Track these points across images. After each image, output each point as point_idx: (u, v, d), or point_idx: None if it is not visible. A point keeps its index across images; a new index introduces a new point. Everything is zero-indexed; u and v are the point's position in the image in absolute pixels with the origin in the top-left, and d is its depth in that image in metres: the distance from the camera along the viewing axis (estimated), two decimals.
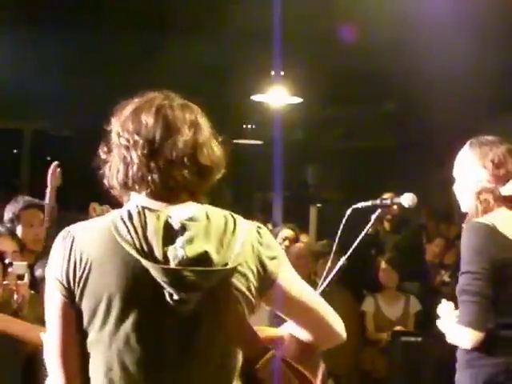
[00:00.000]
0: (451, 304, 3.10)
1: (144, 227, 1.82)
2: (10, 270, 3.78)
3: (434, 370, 5.32)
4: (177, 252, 1.80)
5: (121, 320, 1.81)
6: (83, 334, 1.85)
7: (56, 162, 5.18)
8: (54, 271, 1.85)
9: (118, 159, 2.00)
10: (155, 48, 7.72)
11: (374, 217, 3.42)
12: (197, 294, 1.81)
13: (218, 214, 1.91)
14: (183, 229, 1.83)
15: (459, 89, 7.46)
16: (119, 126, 2.05)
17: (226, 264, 1.83)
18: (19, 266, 3.85)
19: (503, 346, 2.90)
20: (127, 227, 1.82)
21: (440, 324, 3.12)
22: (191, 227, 1.84)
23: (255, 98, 8.49)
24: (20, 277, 3.80)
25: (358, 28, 6.80)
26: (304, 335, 2.03)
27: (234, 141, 10.23)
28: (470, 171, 3.08)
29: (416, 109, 9.13)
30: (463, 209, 3.17)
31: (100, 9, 6.82)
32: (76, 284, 1.82)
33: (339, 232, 3.37)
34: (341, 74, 8.02)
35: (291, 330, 2.04)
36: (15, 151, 12.23)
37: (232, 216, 1.93)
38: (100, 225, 1.87)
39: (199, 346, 1.84)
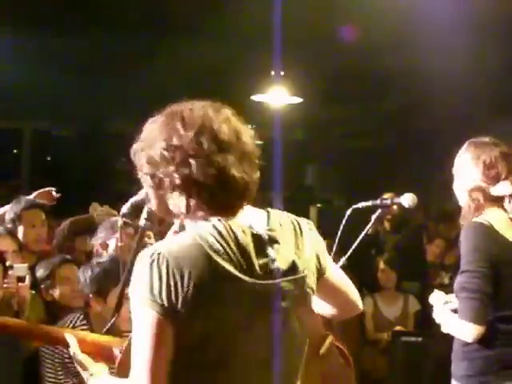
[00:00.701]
0: (442, 293, 3.21)
1: (236, 242, 1.82)
2: (10, 272, 3.78)
3: (434, 370, 5.31)
4: (273, 265, 1.85)
5: (229, 335, 1.81)
6: (181, 353, 1.80)
7: (53, 189, 5.11)
8: (149, 293, 1.78)
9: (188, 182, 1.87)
10: (155, 48, 7.71)
11: (374, 217, 3.43)
12: (292, 301, 1.90)
13: (285, 218, 1.97)
14: (270, 241, 1.87)
15: (460, 89, 7.45)
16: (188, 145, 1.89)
17: (305, 268, 1.94)
18: (20, 268, 3.84)
19: (500, 339, 3.03)
20: (220, 243, 1.80)
21: (435, 314, 3.22)
22: (275, 237, 1.89)
23: (255, 97, 8.49)
24: (21, 279, 3.80)
25: (358, 28, 6.79)
26: (330, 311, 2.15)
27: None
28: (465, 170, 3.20)
29: (417, 109, 9.13)
30: (461, 205, 3.26)
31: (100, 9, 6.81)
32: (179, 305, 1.76)
33: (339, 232, 3.37)
34: (341, 73, 8.02)
35: (316, 306, 2.12)
36: (15, 151, 12.22)
37: (293, 217, 2.00)
38: (189, 242, 1.81)
39: (288, 346, 1.92)
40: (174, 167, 1.86)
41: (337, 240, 3.38)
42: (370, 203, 3.46)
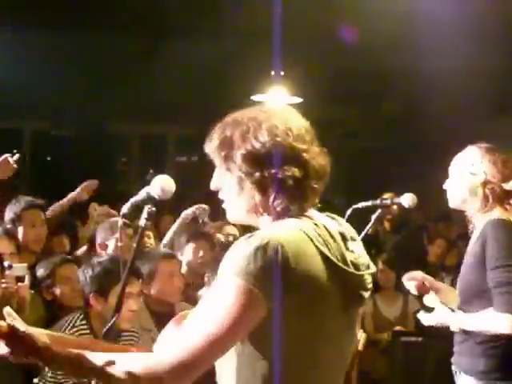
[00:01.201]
0: (435, 295, 3.27)
1: (331, 236, 1.89)
2: (7, 272, 3.76)
3: (434, 370, 5.31)
4: (360, 259, 1.93)
5: (324, 325, 1.86)
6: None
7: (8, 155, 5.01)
8: (256, 270, 1.76)
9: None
10: (156, 48, 7.72)
11: (374, 217, 3.44)
12: (369, 295, 1.99)
13: (341, 219, 2.04)
14: (351, 238, 1.97)
15: (460, 89, 7.45)
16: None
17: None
18: (19, 268, 3.83)
19: None
20: (321, 236, 1.86)
21: (437, 314, 3.25)
22: (353, 235, 1.99)
23: (255, 97, 8.48)
24: (20, 278, 3.79)
25: (359, 28, 6.80)
26: None
27: None
28: (477, 165, 3.22)
29: (417, 109, 9.14)
30: (453, 205, 3.31)
31: (100, 10, 6.82)
32: (284, 290, 1.77)
33: None
34: (341, 74, 8.02)
35: None
36: (15, 151, 12.21)
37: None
38: (295, 232, 1.85)
39: (352, 343, 2.02)
40: (266, 164, 1.90)
41: None
42: (370, 203, 3.48)
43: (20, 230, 4.56)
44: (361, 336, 2.24)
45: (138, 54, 7.89)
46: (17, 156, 4.76)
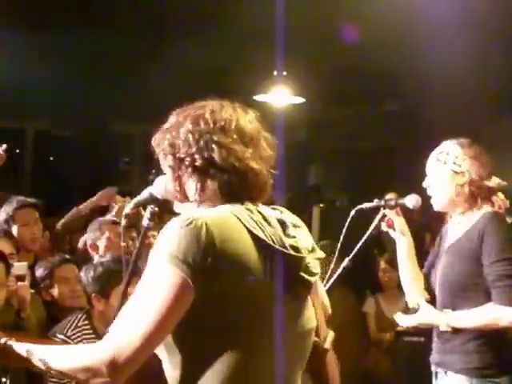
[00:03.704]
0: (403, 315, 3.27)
1: (265, 221, 1.89)
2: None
3: None
4: (300, 242, 1.93)
5: (256, 304, 1.84)
6: (197, 316, 1.80)
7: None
8: (181, 253, 1.77)
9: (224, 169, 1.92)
10: (157, 48, 7.72)
11: (377, 217, 3.44)
12: (315, 280, 1.99)
13: (286, 210, 2.04)
14: (293, 225, 1.96)
15: (461, 89, 7.44)
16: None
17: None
18: (19, 267, 3.82)
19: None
20: (253, 219, 1.86)
21: (424, 314, 3.24)
22: (296, 222, 1.99)
23: (258, 97, 8.47)
24: (20, 277, 3.78)
25: (361, 28, 6.79)
26: None
27: None
28: (459, 163, 3.21)
29: (420, 109, 9.12)
30: (438, 207, 3.33)
31: (101, 9, 6.82)
32: (211, 269, 1.77)
33: (343, 233, 3.37)
34: (344, 73, 8.02)
35: None
36: (18, 151, 12.22)
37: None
38: (225, 214, 1.85)
39: (307, 328, 1.97)
40: (196, 149, 1.91)
41: (341, 240, 3.38)
42: (374, 204, 3.47)
43: (14, 230, 4.55)
44: (330, 336, 2.19)
45: (139, 54, 7.90)
46: (4, 146, 4.75)
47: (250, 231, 1.83)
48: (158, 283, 1.78)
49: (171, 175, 1.99)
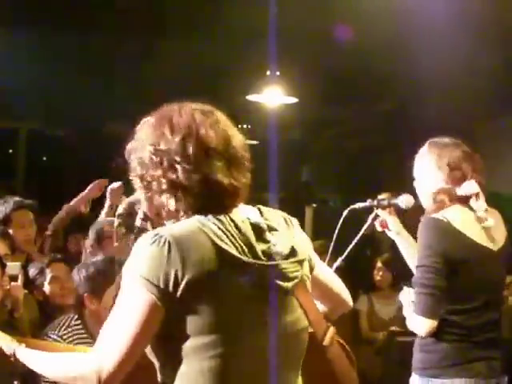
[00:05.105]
0: (411, 290, 3.22)
1: (236, 229, 1.88)
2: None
3: None
4: (274, 249, 1.91)
5: (230, 318, 1.84)
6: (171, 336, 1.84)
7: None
8: (146, 272, 1.81)
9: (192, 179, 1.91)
10: (152, 48, 7.71)
11: (370, 217, 3.45)
12: (294, 283, 1.95)
13: (274, 212, 2.03)
14: (269, 228, 1.94)
15: (457, 89, 7.45)
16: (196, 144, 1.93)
17: (303, 254, 2.01)
18: (13, 267, 3.82)
19: (455, 333, 3.06)
20: (222, 230, 1.85)
21: (403, 311, 3.29)
22: (273, 226, 1.96)
23: (251, 97, 8.47)
24: (13, 277, 3.78)
25: (354, 28, 6.79)
26: (320, 308, 2.17)
27: None
28: (428, 172, 3.23)
29: (413, 109, 9.13)
30: (424, 206, 3.28)
31: (98, 9, 6.81)
32: (179, 288, 1.79)
33: (336, 232, 3.38)
34: (337, 74, 8.02)
35: None
36: (10, 151, 12.20)
37: (282, 213, 2.07)
38: (192, 228, 1.85)
39: (294, 329, 1.97)
40: (162, 171, 1.91)
41: (333, 240, 3.39)
42: (366, 204, 3.48)
43: (9, 231, 4.54)
44: (330, 332, 2.18)
45: (135, 54, 7.88)
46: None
47: (215, 244, 1.83)
48: (129, 303, 1.83)
49: (144, 196, 2.00)
